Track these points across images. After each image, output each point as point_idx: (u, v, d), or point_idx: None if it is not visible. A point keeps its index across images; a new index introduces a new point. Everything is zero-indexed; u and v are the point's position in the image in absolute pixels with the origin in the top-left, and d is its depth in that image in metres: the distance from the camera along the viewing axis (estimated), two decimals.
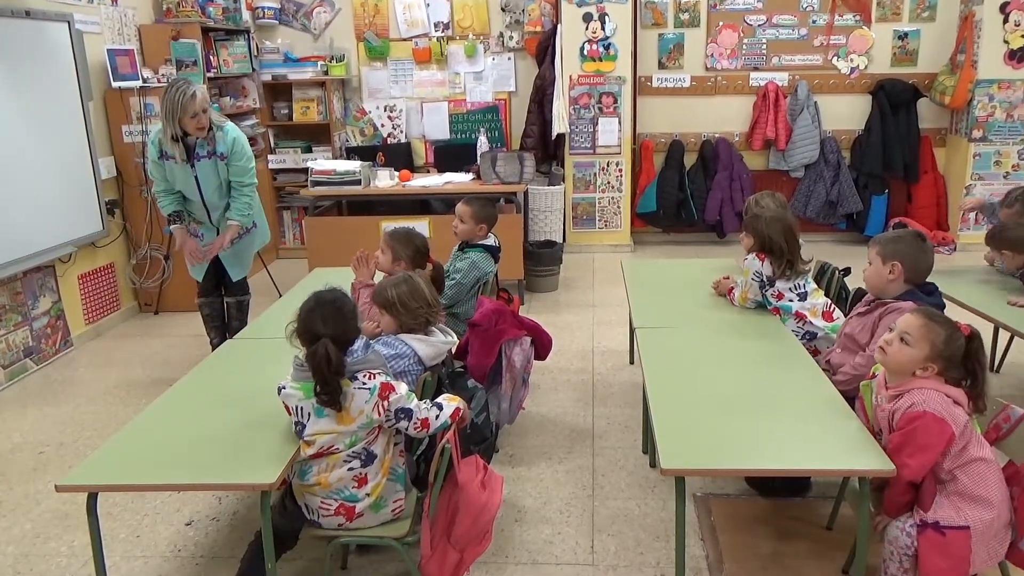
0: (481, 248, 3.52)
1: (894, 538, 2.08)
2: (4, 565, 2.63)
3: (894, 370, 2.15)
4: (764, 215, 3.22)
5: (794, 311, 3.03)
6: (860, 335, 2.65)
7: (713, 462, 2.12)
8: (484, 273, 3.47)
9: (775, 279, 3.07)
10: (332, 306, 2.14)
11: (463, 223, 3.53)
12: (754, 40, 6.37)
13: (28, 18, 4.19)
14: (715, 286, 3.36)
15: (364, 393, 2.10)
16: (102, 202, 4.79)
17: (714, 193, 6.37)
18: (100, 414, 3.76)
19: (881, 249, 2.65)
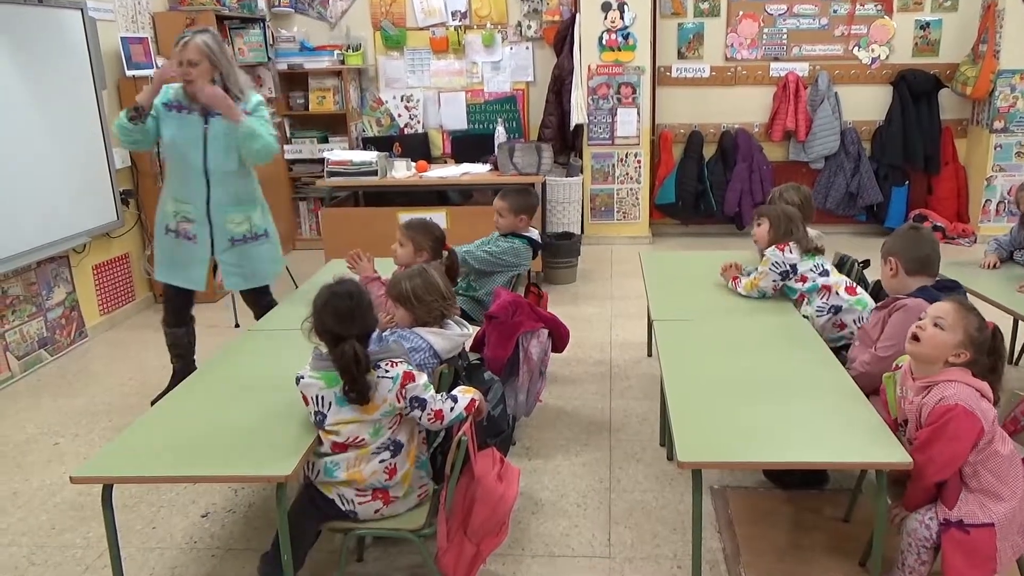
0: (526, 240, 3.52)
1: (912, 530, 2.07)
2: (19, 556, 2.63)
3: (927, 357, 2.11)
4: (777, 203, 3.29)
5: (819, 285, 3.05)
6: (872, 330, 2.64)
7: (730, 455, 2.09)
8: (521, 261, 3.47)
9: (797, 262, 3.08)
10: (352, 302, 2.11)
11: (502, 217, 3.56)
12: (774, 30, 6.28)
13: (41, 5, 4.18)
14: (723, 268, 3.33)
15: (387, 382, 2.09)
16: (116, 192, 4.79)
17: (733, 184, 6.29)
18: (115, 405, 3.76)
19: (882, 250, 2.71)
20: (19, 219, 4.03)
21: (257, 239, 3.51)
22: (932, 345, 2.08)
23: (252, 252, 3.49)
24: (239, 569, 2.50)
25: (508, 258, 3.46)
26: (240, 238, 3.46)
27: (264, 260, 3.55)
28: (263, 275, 3.57)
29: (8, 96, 3.97)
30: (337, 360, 2.05)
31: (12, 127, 4.00)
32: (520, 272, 3.54)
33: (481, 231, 3.79)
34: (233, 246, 3.45)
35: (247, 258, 3.48)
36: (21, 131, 4.07)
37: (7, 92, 3.97)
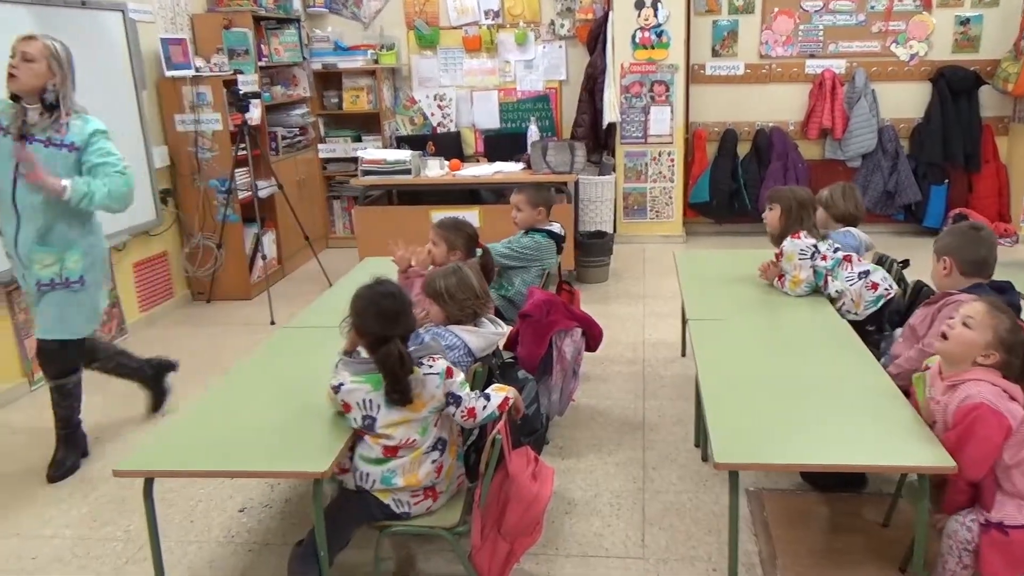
0: (545, 234, 3.52)
1: (953, 532, 2.04)
2: (63, 548, 2.69)
3: (954, 356, 2.09)
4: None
5: (840, 258, 3.06)
6: (920, 326, 2.59)
7: (767, 457, 2.07)
8: (544, 256, 3.47)
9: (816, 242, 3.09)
10: (395, 302, 2.13)
11: (520, 211, 3.57)
12: (810, 27, 6.19)
13: (83, 7, 4.27)
14: (763, 270, 3.27)
15: (434, 378, 2.12)
16: (156, 191, 4.88)
17: (768, 183, 6.21)
18: None
19: (934, 246, 2.65)
20: None
21: (68, 286, 2.97)
22: (959, 343, 2.06)
23: (60, 299, 2.98)
24: (275, 564, 2.53)
25: (529, 252, 3.47)
26: (47, 282, 2.96)
27: (72, 311, 3.01)
28: (70, 327, 3.03)
29: None
30: (382, 361, 2.05)
31: None
32: (546, 266, 3.54)
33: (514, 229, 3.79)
34: (40, 291, 2.98)
35: (53, 305, 2.99)
36: None
37: None
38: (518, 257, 3.45)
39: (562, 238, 3.65)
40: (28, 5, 3.89)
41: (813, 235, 3.12)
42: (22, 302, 3.94)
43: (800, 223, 3.12)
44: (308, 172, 6.31)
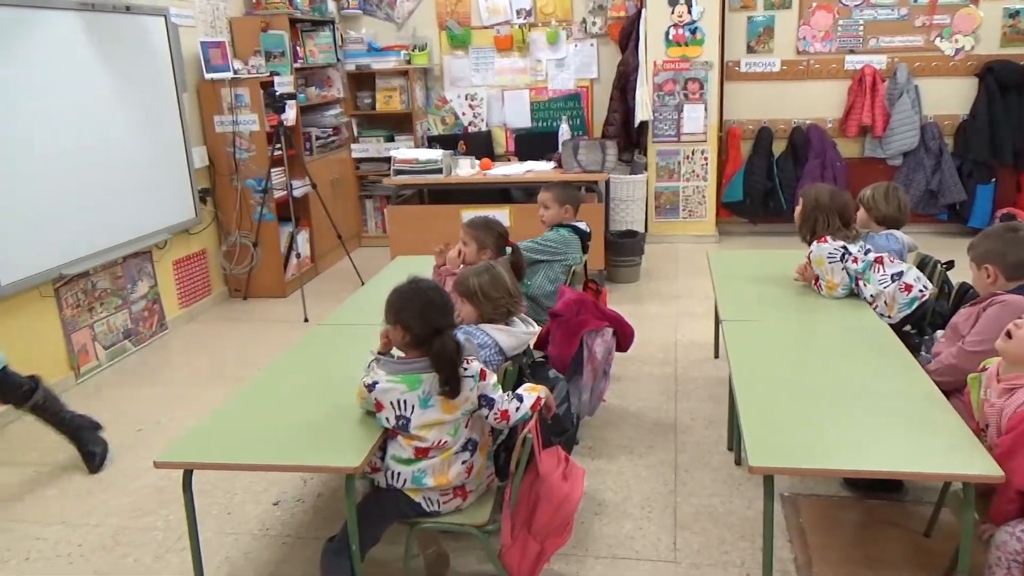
0: (571, 229, 3.53)
1: (1002, 543, 1.96)
2: (105, 536, 2.76)
3: (1016, 356, 2.02)
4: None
5: (872, 259, 3.00)
6: (963, 325, 2.53)
7: (803, 461, 2.02)
8: (569, 249, 3.46)
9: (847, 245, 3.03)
10: (439, 295, 2.17)
11: (547, 208, 3.59)
12: (850, 21, 6.07)
13: (128, 13, 4.37)
14: (799, 271, 3.21)
15: (469, 380, 2.12)
16: (195, 191, 4.97)
17: (804, 182, 6.10)
18: (192, 395, 3.91)
19: (972, 255, 2.56)
20: (107, 216, 4.22)
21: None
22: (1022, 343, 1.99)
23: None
24: (307, 557, 2.57)
25: (553, 245, 3.47)
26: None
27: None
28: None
29: (97, 99, 4.17)
30: (440, 352, 2.06)
31: (101, 129, 4.19)
32: (571, 262, 3.52)
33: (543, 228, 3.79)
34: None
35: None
36: (109, 132, 4.26)
37: (97, 95, 4.16)
38: (542, 250, 3.46)
39: (588, 235, 3.65)
40: (76, 11, 3.99)
41: (841, 236, 3.04)
42: (70, 297, 4.05)
43: (824, 226, 3.05)
44: (341, 172, 6.38)
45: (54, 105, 3.88)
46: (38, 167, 3.78)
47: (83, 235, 4.05)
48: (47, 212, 3.83)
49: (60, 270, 3.90)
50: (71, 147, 3.98)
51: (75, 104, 4.01)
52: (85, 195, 4.07)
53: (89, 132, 4.11)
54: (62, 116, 3.93)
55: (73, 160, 3.99)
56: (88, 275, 4.18)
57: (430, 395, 2.09)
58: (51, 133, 3.86)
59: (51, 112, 3.86)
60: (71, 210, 3.98)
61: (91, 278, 4.21)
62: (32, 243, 3.73)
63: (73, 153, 4.00)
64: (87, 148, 4.09)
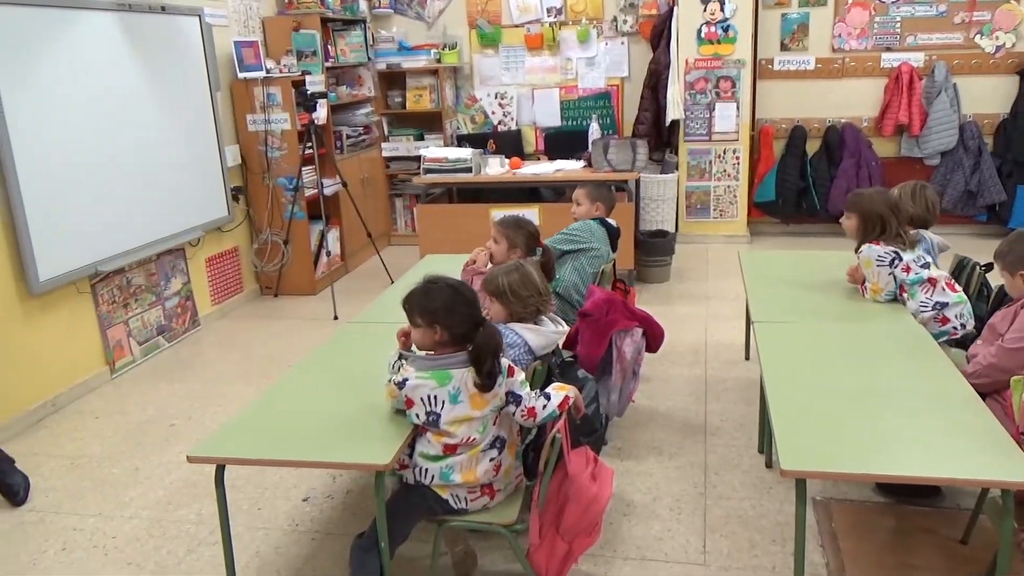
0: (598, 221, 3.54)
1: None
2: (140, 528, 2.81)
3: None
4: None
5: (925, 277, 2.92)
6: (1001, 324, 2.48)
7: (837, 466, 1.99)
8: (593, 238, 3.45)
9: (901, 253, 2.95)
10: (470, 290, 2.20)
11: (579, 205, 3.64)
12: (887, 18, 5.97)
13: (164, 13, 4.44)
14: (851, 273, 3.16)
15: (496, 377, 2.12)
16: (228, 189, 5.04)
17: (838, 182, 6.03)
18: (224, 390, 3.96)
19: (1002, 263, 2.53)
20: (142, 214, 4.29)
21: None
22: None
23: None
24: (337, 553, 2.59)
25: (577, 233, 3.47)
26: None
27: None
28: None
29: (133, 98, 4.24)
30: (485, 343, 2.09)
31: (136, 127, 4.26)
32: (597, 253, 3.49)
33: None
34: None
35: None
36: (144, 131, 4.33)
37: (133, 94, 4.24)
38: (568, 239, 3.47)
39: (616, 231, 3.65)
40: (114, 12, 4.06)
41: (897, 243, 2.97)
42: (105, 294, 4.13)
43: (881, 233, 2.98)
44: (371, 170, 6.42)
45: (92, 104, 3.95)
46: (76, 165, 3.85)
47: (119, 232, 4.13)
48: (84, 209, 3.90)
49: (97, 267, 3.97)
50: (108, 145, 4.06)
51: (112, 103, 4.09)
52: (121, 193, 4.14)
53: (125, 131, 4.18)
54: (100, 115, 4.00)
55: (110, 158, 4.07)
56: (123, 272, 4.25)
57: (460, 391, 2.10)
58: (89, 131, 3.93)
59: (89, 111, 3.93)
60: (108, 207, 4.05)
61: (126, 275, 4.28)
62: (70, 240, 3.81)
63: (110, 151, 4.07)
64: (123, 147, 4.17)
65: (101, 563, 2.62)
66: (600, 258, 3.49)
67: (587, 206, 3.62)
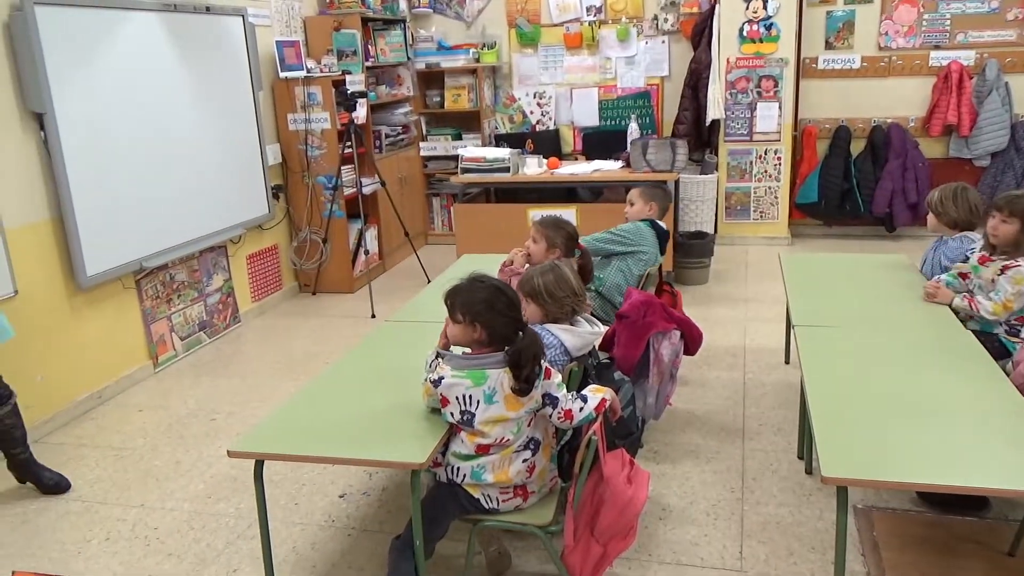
0: (649, 223, 3.51)
1: None
2: (180, 520, 2.86)
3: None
4: (938, 207, 3.05)
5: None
6: None
7: (880, 474, 1.94)
8: (642, 241, 3.43)
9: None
10: (512, 291, 2.20)
11: (632, 205, 3.62)
12: (936, 16, 5.82)
13: (208, 13, 4.52)
14: (932, 292, 2.97)
15: (534, 382, 2.11)
16: (268, 187, 5.11)
17: (884, 183, 5.90)
18: (263, 386, 4.01)
19: None
20: (186, 211, 4.38)
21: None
22: None
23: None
24: (372, 549, 2.60)
25: (627, 235, 3.44)
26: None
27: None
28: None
29: (178, 98, 4.33)
30: (528, 346, 2.08)
31: (182, 127, 4.35)
32: (646, 256, 3.46)
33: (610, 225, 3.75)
34: None
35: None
36: (189, 130, 4.41)
37: (178, 93, 4.32)
38: (617, 240, 3.44)
39: (666, 234, 3.62)
40: (160, 12, 4.15)
41: None
42: (149, 289, 4.22)
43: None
44: (409, 170, 6.46)
45: (139, 103, 4.04)
46: (123, 163, 3.94)
47: (163, 229, 4.21)
48: (130, 207, 3.99)
49: (141, 262, 4.06)
50: (154, 144, 4.14)
51: (158, 102, 4.17)
52: (166, 190, 4.23)
53: (170, 130, 4.27)
54: (145, 114, 4.09)
55: (155, 157, 4.15)
56: (167, 268, 4.34)
57: (495, 391, 2.09)
58: (135, 130, 4.02)
59: (135, 110, 4.02)
60: (153, 205, 4.14)
61: (170, 271, 4.37)
62: (116, 236, 3.90)
63: (155, 150, 4.16)
64: (168, 145, 4.25)
65: (143, 553, 2.68)
66: (647, 261, 3.46)
67: (640, 206, 3.60)
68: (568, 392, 2.23)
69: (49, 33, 3.47)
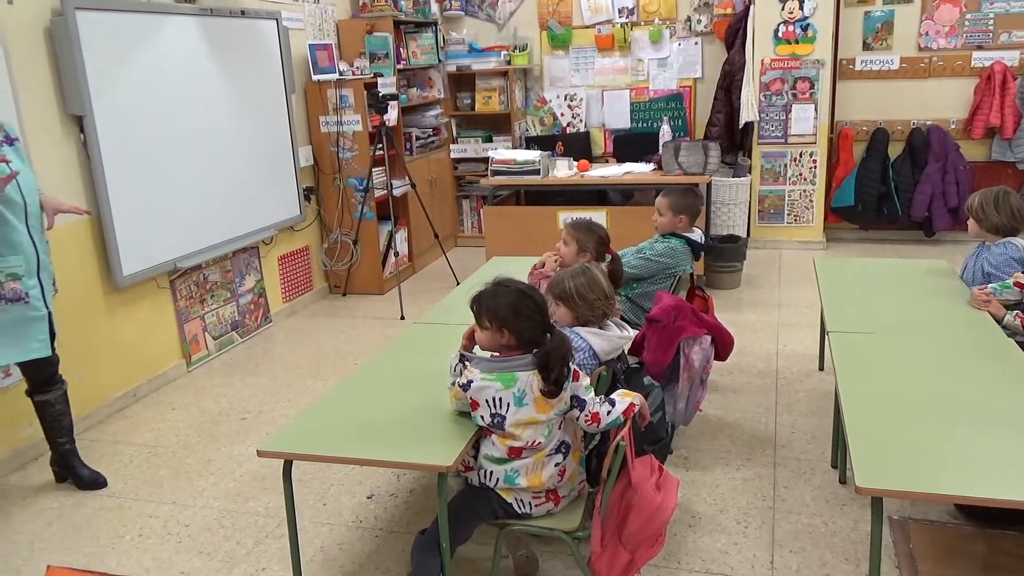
0: (684, 240, 3.43)
1: None
2: (210, 518, 2.89)
3: None
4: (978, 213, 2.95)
5: None
6: None
7: (917, 485, 1.88)
8: (679, 262, 3.37)
9: None
10: (540, 295, 2.19)
11: (661, 215, 3.49)
12: (979, 15, 5.68)
13: (243, 17, 4.58)
14: (985, 300, 2.88)
15: (563, 384, 2.10)
16: (300, 189, 5.16)
17: (923, 187, 5.77)
18: (293, 386, 4.05)
19: None
20: (220, 212, 4.44)
21: (21, 301, 2.81)
22: None
23: (14, 313, 2.81)
24: (399, 551, 2.61)
25: (665, 260, 3.37)
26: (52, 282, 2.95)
27: (28, 323, 2.84)
28: (19, 339, 2.85)
29: (213, 100, 4.39)
30: (557, 347, 2.07)
31: (216, 128, 4.41)
32: (679, 272, 3.43)
33: (642, 232, 3.71)
34: (54, 291, 2.97)
35: (7, 321, 2.82)
36: (223, 132, 4.47)
37: (213, 97, 4.38)
38: (652, 266, 3.35)
39: (701, 246, 3.52)
40: (197, 16, 4.21)
41: None
42: (183, 289, 4.28)
43: None
44: (439, 172, 6.47)
45: (175, 105, 4.10)
46: (159, 165, 4.00)
47: (197, 230, 4.27)
48: (166, 208, 4.05)
49: (176, 263, 4.12)
50: (189, 146, 4.21)
51: (193, 105, 4.23)
52: (200, 192, 4.29)
53: (205, 132, 4.33)
54: (181, 116, 4.15)
55: (190, 159, 4.22)
56: (201, 268, 4.40)
57: (525, 393, 2.08)
58: (172, 132, 4.08)
59: (171, 112, 4.08)
60: (187, 206, 4.20)
61: (203, 271, 4.43)
62: (151, 237, 3.96)
63: (190, 152, 4.22)
64: (203, 147, 4.31)
65: (174, 549, 2.71)
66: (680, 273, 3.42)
67: (669, 218, 3.44)
68: (596, 396, 2.20)
69: (89, 37, 3.54)
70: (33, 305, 2.81)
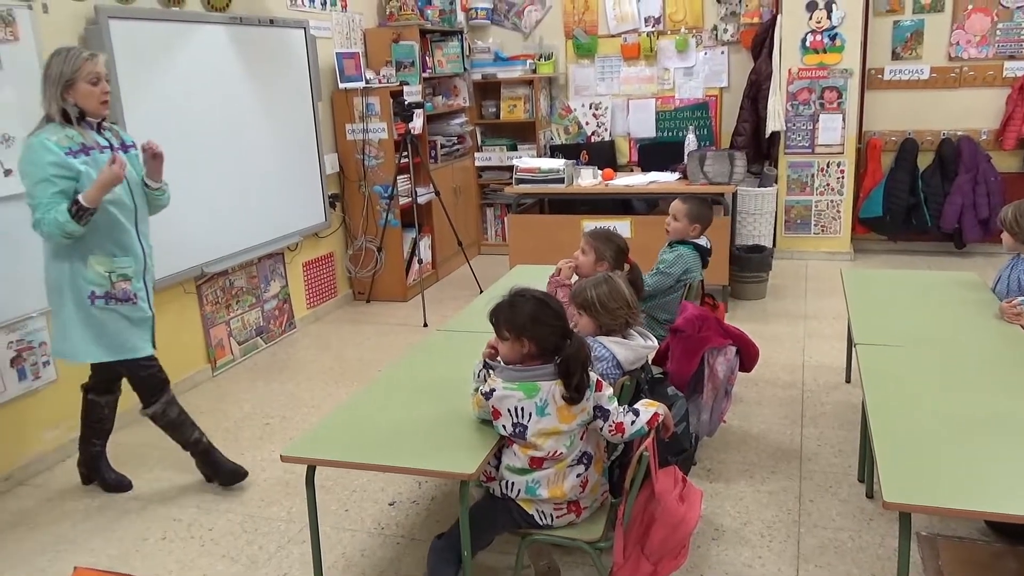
0: (692, 246, 3.42)
1: None
2: (234, 523, 2.91)
3: None
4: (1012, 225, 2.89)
5: None
6: None
7: (946, 500, 1.84)
8: (689, 269, 3.36)
9: None
10: (557, 302, 2.19)
11: (676, 221, 3.47)
12: (1011, 25, 5.60)
13: (272, 26, 4.64)
14: (1013, 314, 2.83)
15: (585, 390, 2.09)
16: (325, 196, 5.20)
17: (953, 198, 5.68)
18: (316, 392, 4.07)
19: None
20: (246, 218, 4.49)
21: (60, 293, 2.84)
22: None
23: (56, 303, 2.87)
24: (420, 558, 2.60)
25: (677, 270, 3.35)
26: None
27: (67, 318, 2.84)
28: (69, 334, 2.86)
29: (241, 108, 4.44)
30: (575, 354, 2.07)
31: (243, 135, 4.46)
32: (691, 280, 3.41)
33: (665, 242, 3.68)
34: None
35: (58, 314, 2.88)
36: (252, 139, 4.53)
37: (241, 104, 4.44)
38: (667, 279, 3.34)
39: (708, 251, 3.51)
40: (226, 25, 4.27)
41: None
42: (209, 294, 4.33)
43: None
44: (464, 180, 6.50)
45: (204, 112, 4.16)
46: (188, 171, 4.05)
47: (224, 235, 4.32)
48: (194, 213, 4.10)
49: (203, 268, 4.17)
50: (217, 153, 4.26)
51: (222, 112, 4.29)
52: (228, 198, 4.34)
53: (234, 138, 4.38)
54: (210, 123, 4.21)
55: (219, 164, 4.27)
56: (227, 274, 4.45)
57: (547, 403, 2.08)
58: (200, 138, 4.14)
59: (201, 119, 4.14)
60: (215, 211, 4.25)
61: (229, 277, 4.48)
62: (179, 242, 4.00)
63: (218, 159, 4.27)
64: (231, 153, 4.37)
65: (197, 553, 2.73)
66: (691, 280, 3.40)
67: (684, 224, 3.44)
68: (620, 406, 2.19)
69: (122, 45, 3.61)
70: (140, 307, 2.90)
